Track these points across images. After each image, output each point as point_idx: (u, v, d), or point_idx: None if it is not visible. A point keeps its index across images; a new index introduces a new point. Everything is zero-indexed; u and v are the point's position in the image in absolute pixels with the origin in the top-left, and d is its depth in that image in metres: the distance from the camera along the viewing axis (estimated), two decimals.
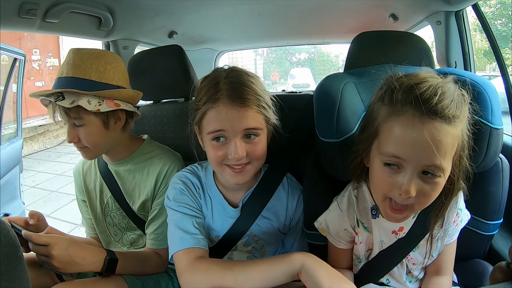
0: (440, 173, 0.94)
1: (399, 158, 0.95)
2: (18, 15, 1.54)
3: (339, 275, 1.04)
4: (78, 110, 1.36)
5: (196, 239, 1.24)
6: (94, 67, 1.40)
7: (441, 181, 0.96)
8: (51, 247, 1.22)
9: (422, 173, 0.95)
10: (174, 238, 1.26)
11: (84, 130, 1.42)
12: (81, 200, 1.75)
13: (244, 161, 1.22)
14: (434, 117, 0.90)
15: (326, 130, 1.29)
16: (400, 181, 0.95)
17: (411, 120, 0.92)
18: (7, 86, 3.65)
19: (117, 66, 1.47)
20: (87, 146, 1.46)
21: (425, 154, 0.91)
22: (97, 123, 1.42)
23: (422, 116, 0.91)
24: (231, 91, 1.18)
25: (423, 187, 0.95)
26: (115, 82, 1.45)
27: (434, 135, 0.90)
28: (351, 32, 2.75)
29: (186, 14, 2.40)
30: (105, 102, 1.40)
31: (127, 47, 2.46)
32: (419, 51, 1.52)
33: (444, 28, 2.15)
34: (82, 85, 1.37)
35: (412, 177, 0.94)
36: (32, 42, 10.23)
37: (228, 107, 1.17)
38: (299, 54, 26.98)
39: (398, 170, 0.96)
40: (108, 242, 1.70)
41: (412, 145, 0.92)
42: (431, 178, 0.95)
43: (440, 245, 1.17)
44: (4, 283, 0.70)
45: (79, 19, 1.90)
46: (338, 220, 1.23)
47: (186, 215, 1.30)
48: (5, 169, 3.31)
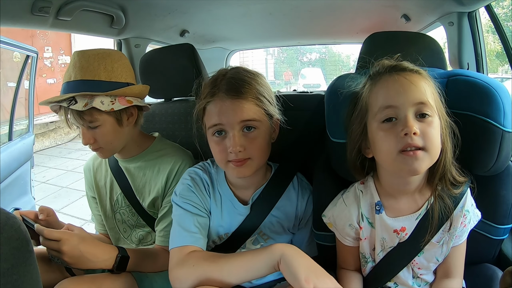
0: (430, 111, 1.04)
1: (391, 106, 1.05)
2: (31, 12, 1.55)
3: (317, 267, 1.05)
4: (91, 112, 1.37)
5: (194, 237, 1.27)
6: (102, 67, 1.40)
7: (435, 120, 1.05)
8: (63, 243, 1.23)
9: (416, 117, 1.03)
10: (173, 234, 1.30)
11: (99, 131, 1.42)
12: (91, 196, 1.76)
13: (243, 155, 1.23)
14: (405, 71, 1.09)
15: (337, 130, 1.29)
16: (401, 126, 1.02)
17: (392, 77, 1.09)
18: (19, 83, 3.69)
19: (123, 63, 1.48)
20: (102, 146, 1.47)
21: (410, 93, 1.04)
22: (111, 122, 1.43)
23: (398, 72, 1.09)
24: (226, 85, 1.23)
25: (421, 125, 1.02)
26: (123, 79, 1.46)
27: (410, 78, 1.07)
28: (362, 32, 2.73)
29: (197, 13, 2.40)
30: (118, 100, 1.41)
31: (139, 45, 2.47)
32: (431, 52, 1.51)
33: (457, 29, 2.13)
34: (93, 86, 1.38)
35: (409, 118, 1.02)
36: (44, 40, 10.31)
37: (224, 100, 1.22)
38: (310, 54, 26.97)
39: (396, 121, 1.05)
40: (117, 238, 1.71)
41: (397, 91, 1.05)
42: (424, 118, 1.04)
43: (445, 250, 1.17)
44: (14, 276, 0.70)
45: (91, 17, 1.91)
46: (344, 215, 1.24)
47: (189, 212, 1.32)
48: (16, 164, 3.34)
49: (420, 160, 1.01)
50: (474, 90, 1.17)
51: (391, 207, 1.18)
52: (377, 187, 1.20)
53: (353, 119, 1.18)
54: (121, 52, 1.51)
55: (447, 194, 1.12)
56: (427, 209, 1.14)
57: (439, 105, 1.09)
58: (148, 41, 2.58)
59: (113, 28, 2.11)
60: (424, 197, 1.15)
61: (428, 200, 1.15)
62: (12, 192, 3.26)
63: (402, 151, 1.01)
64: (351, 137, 1.19)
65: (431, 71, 1.16)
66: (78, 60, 1.40)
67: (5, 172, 3.09)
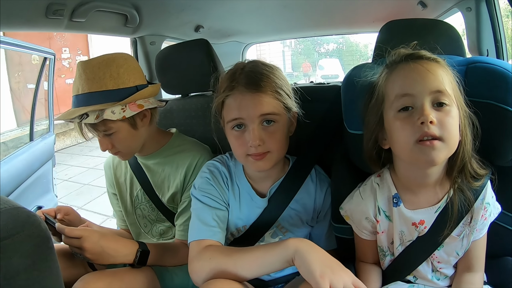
0: (448, 100, 1.01)
1: (408, 95, 1.03)
2: (46, 16, 1.57)
3: (333, 261, 1.04)
4: (104, 122, 1.38)
5: (212, 231, 1.28)
6: (107, 76, 1.39)
7: (453, 109, 1.02)
8: (83, 240, 1.26)
9: (433, 106, 1.01)
10: (192, 227, 1.31)
11: (115, 137, 1.44)
12: (111, 193, 1.79)
13: (262, 149, 1.23)
14: (422, 59, 1.07)
15: (354, 122, 1.28)
16: (417, 115, 1.00)
17: (408, 65, 1.07)
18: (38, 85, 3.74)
19: (129, 66, 1.46)
20: (121, 150, 1.49)
21: (427, 81, 1.02)
22: (125, 127, 1.44)
23: (414, 60, 1.07)
24: (245, 79, 1.23)
25: (438, 115, 1.00)
26: (131, 83, 1.44)
27: (427, 66, 1.05)
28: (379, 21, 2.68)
29: (211, 8, 2.39)
30: (128, 107, 1.40)
31: (154, 42, 2.47)
32: (450, 39, 1.47)
33: (475, 15, 2.07)
34: (101, 97, 1.38)
35: (425, 107, 1.00)
36: (61, 41, 10.45)
37: (243, 93, 1.22)
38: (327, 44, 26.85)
39: (412, 110, 1.03)
40: (138, 233, 1.73)
41: (414, 79, 1.04)
42: (441, 106, 1.01)
43: (466, 243, 1.14)
44: (35, 273, 0.72)
45: (105, 17, 1.92)
46: (360, 208, 1.23)
47: (207, 206, 1.33)
48: (38, 164, 3.40)
49: (437, 150, 0.98)
50: (494, 78, 1.14)
51: (409, 200, 1.16)
52: (394, 179, 1.19)
53: (369, 109, 1.17)
54: (126, 54, 1.50)
55: (467, 186, 1.10)
56: (447, 202, 1.12)
57: (458, 95, 1.06)
58: (163, 38, 2.59)
59: (128, 27, 2.11)
60: (444, 190, 1.13)
61: (448, 193, 1.12)
62: (35, 190, 3.32)
63: (419, 141, 0.99)
64: (368, 127, 1.18)
65: (450, 59, 1.14)
66: (83, 72, 1.40)
67: (27, 171, 3.16)
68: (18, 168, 3.01)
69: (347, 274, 1.00)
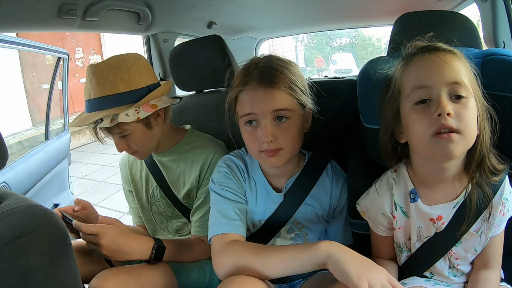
0: (465, 92, 0.99)
1: (424, 86, 1.02)
2: (58, 15, 1.58)
3: (366, 261, 1.02)
4: (119, 124, 1.38)
5: (234, 225, 1.27)
6: (118, 78, 1.39)
7: (470, 102, 1.00)
8: (100, 237, 1.27)
9: (450, 99, 0.99)
10: (214, 222, 1.30)
11: (131, 138, 1.45)
12: (127, 190, 1.80)
13: (275, 146, 1.22)
14: (438, 50, 1.05)
15: (370, 116, 1.27)
16: (434, 107, 0.99)
17: (424, 57, 1.05)
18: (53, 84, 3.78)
19: (139, 66, 1.45)
20: (137, 150, 1.50)
21: (444, 73, 1.00)
22: (140, 128, 1.44)
23: (431, 52, 1.05)
24: (259, 74, 1.22)
25: (455, 107, 0.98)
26: (143, 83, 1.44)
27: (444, 57, 1.02)
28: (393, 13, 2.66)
29: (223, 4, 2.39)
30: (142, 108, 1.40)
31: (167, 39, 2.48)
32: (465, 31, 1.45)
33: (490, 5, 2.02)
34: (114, 101, 1.38)
35: (442, 98, 0.98)
36: (74, 41, 10.56)
37: (256, 89, 1.21)
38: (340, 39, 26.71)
39: (429, 103, 1.01)
40: (154, 230, 1.74)
41: (430, 70, 1.02)
42: (459, 99, 0.99)
43: (484, 240, 1.12)
44: (53, 270, 0.74)
45: (118, 16, 1.93)
46: (376, 204, 1.21)
47: (228, 199, 1.32)
48: (54, 162, 3.45)
49: (454, 143, 0.96)
50: (511, 70, 1.12)
51: (426, 195, 1.14)
52: (411, 174, 1.17)
53: (385, 102, 1.15)
54: (135, 54, 1.49)
55: (486, 181, 1.08)
56: (465, 197, 1.10)
57: (475, 87, 1.04)
58: (176, 35, 2.59)
59: (140, 25, 2.12)
60: (462, 185, 1.11)
61: (466, 188, 1.10)
62: (52, 188, 3.38)
63: (436, 134, 0.97)
64: (384, 121, 1.16)
65: (466, 51, 1.11)
66: (94, 76, 1.39)
67: (44, 169, 3.20)
68: (35, 167, 3.06)
69: (382, 272, 0.99)
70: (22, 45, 3.23)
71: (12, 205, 0.73)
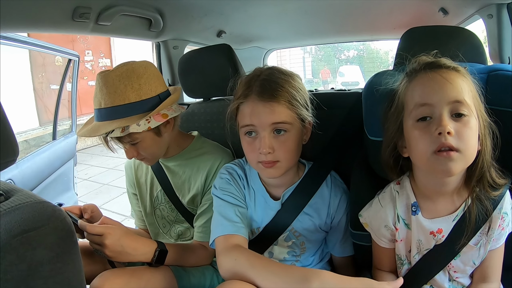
0: (467, 110, 1.01)
1: (426, 104, 1.03)
2: (72, 19, 1.60)
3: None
4: (130, 133, 1.39)
5: (236, 226, 1.30)
6: (129, 88, 1.38)
7: (471, 120, 1.01)
8: (105, 237, 1.28)
9: (452, 117, 1.01)
10: (217, 224, 1.33)
11: (141, 146, 1.46)
12: (131, 193, 1.81)
13: (272, 158, 1.25)
14: (441, 68, 1.06)
15: (374, 128, 1.28)
16: (435, 125, 1.00)
17: (427, 74, 1.07)
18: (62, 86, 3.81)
19: (149, 75, 1.45)
20: (146, 157, 1.52)
21: (446, 91, 1.02)
22: (150, 136, 1.45)
23: (434, 69, 1.06)
24: (260, 87, 1.25)
25: (456, 125, 0.99)
26: (153, 92, 1.44)
27: (446, 76, 1.04)
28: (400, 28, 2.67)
29: (234, 13, 2.42)
30: (153, 118, 1.41)
31: (177, 47, 2.50)
32: (471, 47, 1.47)
33: (496, 22, 2.04)
34: (125, 111, 1.39)
35: (443, 117, 0.99)
36: (84, 44, 10.64)
37: (256, 102, 1.24)
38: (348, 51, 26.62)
39: (430, 120, 1.03)
40: (157, 233, 1.75)
41: (432, 88, 1.03)
42: (460, 117, 1.01)
43: (482, 253, 1.14)
44: (58, 264, 0.75)
45: (130, 21, 1.95)
46: (379, 216, 1.22)
47: (229, 203, 1.35)
48: (60, 162, 3.48)
49: (454, 162, 0.98)
50: None
51: (428, 208, 1.15)
52: (413, 187, 1.18)
53: (389, 116, 1.17)
54: (145, 62, 1.49)
55: (486, 196, 1.09)
56: (464, 211, 1.11)
57: (478, 104, 1.06)
58: (186, 43, 2.62)
59: (152, 31, 2.14)
60: (461, 198, 1.12)
61: (465, 201, 1.11)
62: (56, 188, 3.40)
63: (436, 152, 0.99)
64: (387, 135, 1.18)
65: (471, 67, 1.13)
66: (104, 85, 1.39)
67: (49, 169, 3.23)
68: (40, 166, 3.08)
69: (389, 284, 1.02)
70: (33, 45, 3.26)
71: (21, 200, 0.75)
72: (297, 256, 1.46)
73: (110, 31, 1.92)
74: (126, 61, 1.46)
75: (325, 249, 1.53)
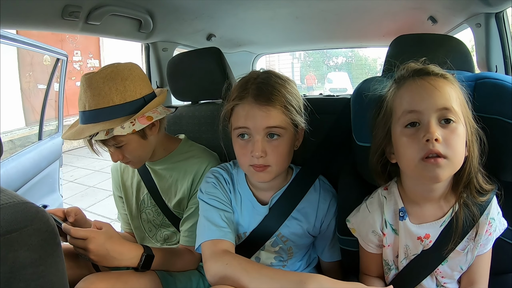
0: (454, 117, 1.02)
1: (414, 111, 1.04)
2: (62, 17, 1.59)
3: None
4: (114, 136, 1.37)
5: (223, 231, 1.29)
6: (113, 90, 1.37)
7: (459, 127, 1.02)
8: (89, 241, 1.25)
9: (439, 123, 1.02)
10: (203, 229, 1.31)
11: (126, 149, 1.44)
12: (117, 196, 1.80)
13: (263, 161, 1.25)
14: (429, 75, 1.07)
15: (362, 134, 1.28)
16: (423, 132, 1.01)
17: (415, 81, 1.07)
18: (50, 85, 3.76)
19: (134, 77, 1.44)
20: (132, 160, 1.50)
21: (434, 98, 1.02)
22: (135, 139, 1.44)
23: (422, 76, 1.07)
24: (256, 91, 1.24)
25: (443, 132, 1.00)
26: (138, 94, 1.43)
27: (435, 83, 1.05)
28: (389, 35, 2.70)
29: (224, 17, 2.42)
30: (137, 120, 1.39)
31: (167, 49, 2.50)
32: (459, 55, 1.48)
33: (484, 31, 2.08)
34: (109, 113, 1.38)
35: (431, 124, 1.00)
36: (73, 44, 10.56)
37: (252, 105, 1.23)
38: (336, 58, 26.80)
39: (419, 127, 1.03)
40: (142, 237, 1.74)
41: (421, 96, 1.04)
42: (448, 124, 1.02)
43: (470, 258, 1.14)
44: (41, 267, 0.74)
45: (120, 22, 1.94)
46: (367, 221, 1.23)
47: (215, 208, 1.34)
48: (46, 163, 3.43)
49: (441, 168, 0.99)
50: (502, 94, 1.15)
51: (415, 214, 1.16)
52: (401, 193, 1.19)
53: (377, 122, 1.18)
54: (130, 63, 1.48)
55: (473, 201, 1.10)
56: (452, 216, 1.12)
57: (466, 111, 1.07)
58: (175, 45, 2.61)
59: (141, 32, 2.14)
60: (449, 204, 1.13)
61: (452, 207, 1.12)
62: (41, 189, 3.35)
63: (424, 158, 1.00)
64: (375, 141, 1.18)
65: (459, 74, 1.14)
66: (88, 87, 1.38)
67: (34, 169, 3.18)
68: (26, 166, 3.04)
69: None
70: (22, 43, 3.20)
71: (4, 200, 0.72)
72: (284, 261, 1.45)
73: (99, 31, 1.91)
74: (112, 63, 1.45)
75: (312, 254, 1.53)
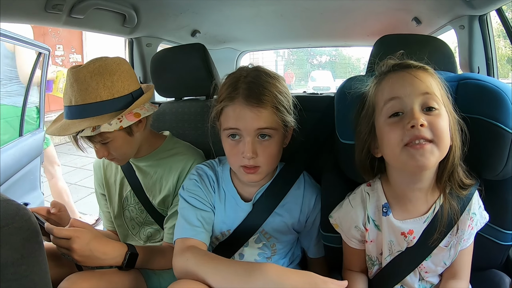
0: (437, 104, 1.03)
1: (396, 98, 1.05)
2: (45, 10, 1.58)
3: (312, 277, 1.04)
4: (101, 132, 1.35)
5: (195, 231, 1.30)
6: (101, 86, 1.34)
7: (443, 113, 1.03)
8: (73, 241, 1.23)
9: (423, 111, 1.02)
10: (178, 226, 1.34)
11: (112, 145, 1.42)
12: (100, 193, 1.77)
13: (254, 162, 1.25)
14: (410, 67, 1.08)
15: (346, 132, 1.29)
16: (407, 118, 1.01)
17: (396, 73, 1.09)
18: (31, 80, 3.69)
19: (122, 72, 1.41)
20: (117, 157, 1.49)
21: (415, 85, 1.04)
22: (122, 136, 1.42)
23: (403, 69, 1.09)
24: (247, 91, 1.23)
25: (428, 118, 1.00)
26: (126, 90, 1.41)
27: (415, 73, 1.06)
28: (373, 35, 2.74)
29: (209, 13, 2.42)
30: (125, 117, 1.37)
31: (150, 44, 2.49)
32: (442, 55, 1.51)
33: (468, 33, 2.12)
34: (96, 109, 1.35)
35: (415, 110, 1.01)
36: (56, 38, 10.39)
37: (243, 106, 1.22)
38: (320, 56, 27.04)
39: (402, 115, 1.03)
40: (125, 235, 1.72)
41: (402, 84, 1.06)
42: (431, 111, 1.02)
43: (453, 253, 1.16)
44: (23, 267, 0.72)
45: (104, 16, 1.93)
46: (350, 216, 1.23)
47: (193, 207, 1.35)
48: (27, 159, 3.36)
49: (428, 153, 0.99)
50: (484, 94, 1.16)
51: (399, 210, 1.17)
52: (385, 189, 1.20)
53: (361, 119, 1.18)
54: (118, 58, 1.44)
55: (455, 195, 1.12)
56: (435, 212, 1.13)
57: (446, 101, 1.07)
58: (159, 41, 2.61)
59: (125, 27, 2.12)
60: (432, 199, 1.14)
61: (435, 202, 1.14)
62: (22, 186, 3.28)
63: (409, 145, 1.00)
64: (359, 138, 1.18)
65: (442, 75, 1.15)
66: (75, 81, 1.34)
67: (15, 166, 3.12)
68: (6, 163, 2.96)
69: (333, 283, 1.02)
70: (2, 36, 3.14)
71: None
72: (268, 258, 1.45)
73: (83, 24, 1.89)
74: (99, 56, 1.42)
75: (296, 252, 1.54)
